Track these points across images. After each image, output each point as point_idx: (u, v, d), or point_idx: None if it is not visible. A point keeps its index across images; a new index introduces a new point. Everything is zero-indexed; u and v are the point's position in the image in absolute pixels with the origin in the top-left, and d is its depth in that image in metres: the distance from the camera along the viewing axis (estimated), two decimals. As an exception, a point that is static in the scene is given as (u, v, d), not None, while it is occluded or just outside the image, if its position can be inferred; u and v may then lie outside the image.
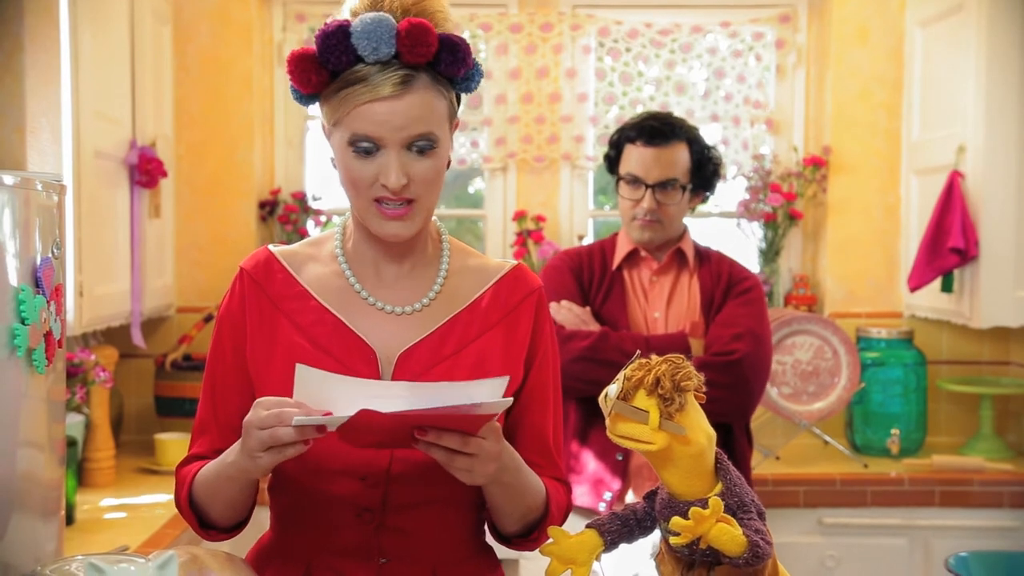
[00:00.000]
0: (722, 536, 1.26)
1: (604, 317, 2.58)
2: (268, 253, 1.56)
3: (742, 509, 1.33)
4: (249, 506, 1.52)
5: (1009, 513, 3.12)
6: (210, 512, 1.50)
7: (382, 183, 1.41)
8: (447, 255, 1.56)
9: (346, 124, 1.41)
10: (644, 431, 1.29)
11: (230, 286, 1.55)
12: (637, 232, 2.59)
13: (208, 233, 3.61)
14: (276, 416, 1.29)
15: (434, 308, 1.51)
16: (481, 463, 1.33)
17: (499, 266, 1.58)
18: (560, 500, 1.56)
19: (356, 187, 1.43)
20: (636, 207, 2.56)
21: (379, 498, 1.47)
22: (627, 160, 2.58)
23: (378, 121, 1.39)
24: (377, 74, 1.38)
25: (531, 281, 1.58)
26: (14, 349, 1.68)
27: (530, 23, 3.69)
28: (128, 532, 2.51)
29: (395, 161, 1.40)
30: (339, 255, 1.54)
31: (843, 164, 3.66)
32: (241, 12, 3.58)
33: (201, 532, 1.53)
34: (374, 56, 1.37)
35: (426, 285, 1.53)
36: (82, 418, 2.83)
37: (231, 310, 1.53)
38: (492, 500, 1.48)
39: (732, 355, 2.46)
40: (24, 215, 1.74)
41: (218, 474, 1.43)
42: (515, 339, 1.53)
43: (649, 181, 2.54)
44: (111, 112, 2.90)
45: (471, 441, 1.31)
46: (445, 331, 1.50)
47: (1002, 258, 3.11)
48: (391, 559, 1.49)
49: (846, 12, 3.63)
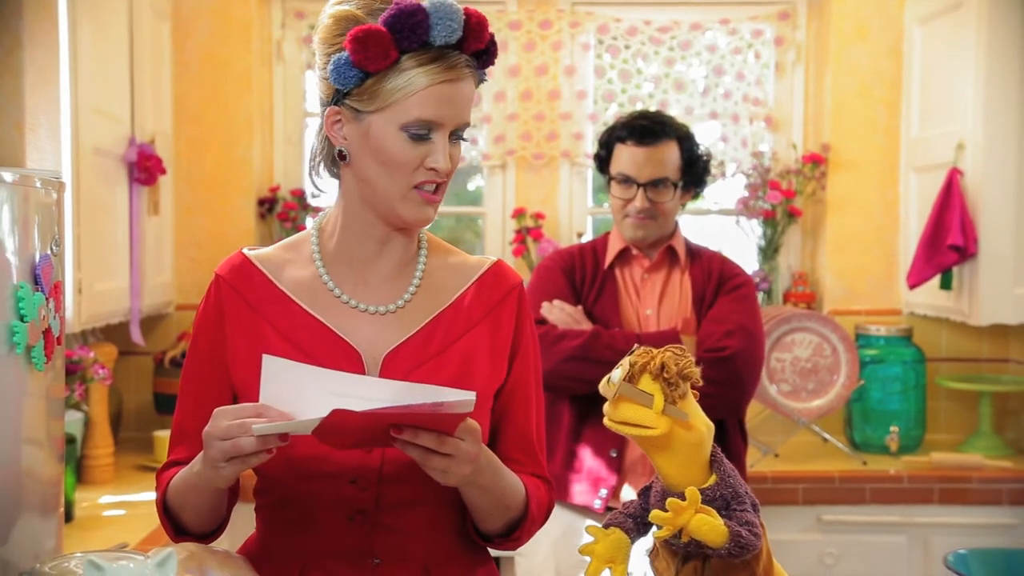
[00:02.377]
0: (702, 527, 1.26)
1: (596, 315, 2.58)
2: (243, 257, 1.55)
3: (736, 500, 1.34)
4: (221, 514, 1.51)
5: (1008, 510, 3.12)
6: (182, 519, 1.49)
7: (430, 166, 1.43)
8: (424, 252, 1.56)
9: (405, 106, 1.40)
10: (648, 415, 1.29)
11: (206, 293, 1.54)
12: (630, 230, 2.59)
13: (207, 230, 3.61)
14: (238, 426, 1.29)
15: (415, 306, 1.51)
16: (457, 464, 1.32)
17: (478, 263, 1.59)
18: (541, 498, 1.55)
19: (400, 171, 1.43)
20: (628, 206, 2.57)
21: (371, 500, 1.46)
22: (618, 160, 2.58)
23: (446, 102, 1.41)
24: (445, 58, 1.40)
25: (511, 278, 1.58)
26: (13, 346, 1.68)
27: (529, 20, 3.68)
28: (127, 529, 2.51)
29: (446, 145, 1.44)
30: (316, 257, 1.53)
31: (842, 161, 3.66)
32: (240, 9, 3.58)
33: (177, 540, 1.51)
34: (449, 39, 1.39)
35: (404, 283, 1.53)
36: (81, 415, 2.83)
37: (208, 317, 1.52)
38: (470, 501, 1.47)
39: (724, 351, 2.46)
40: (23, 212, 1.74)
41: (187, 483, 1.43)
42: (499, 336, 1.53)
43: (640, 180, 2.54)
44: (110, 109, 2.90)
45: (448, 441, 1.30)
46: (429, 330, 1.50)
47: (1001, 255, 3.11)
48: (383, 560, 1.48)
49: (845, 9, 3.63)
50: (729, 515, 1.32)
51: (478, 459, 1.35)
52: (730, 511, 1.33)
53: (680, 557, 1.36)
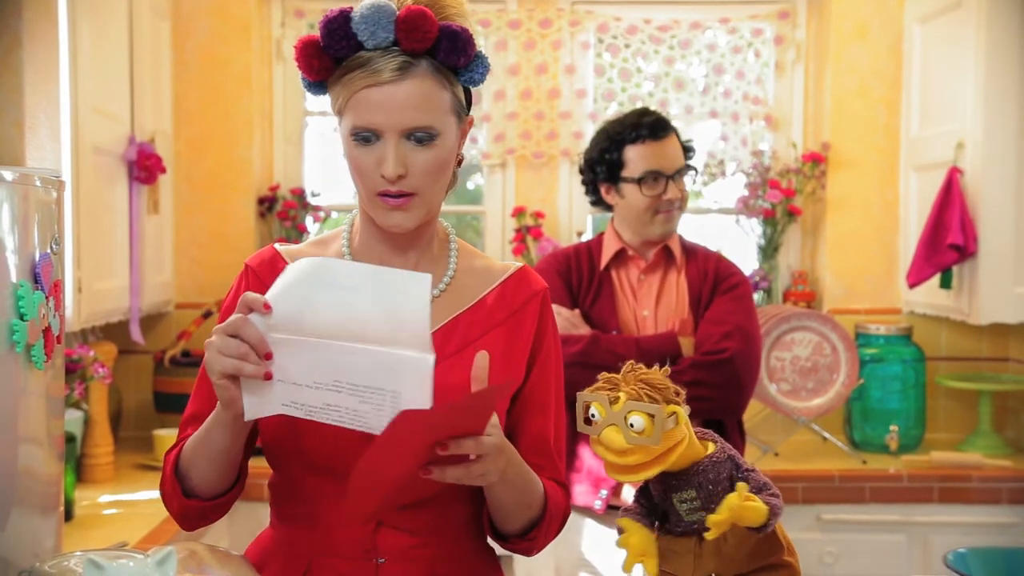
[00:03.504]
0: (750, 514, 1.29)
1: (593, 318, 2.58)
2: (274, 252, 1.57)
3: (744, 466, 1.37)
4: (230, 474, 1.48)
5: (1007, 509, 3.12)
6: (191, 475, 1.47)
7: (380, 174, 1.41)
8: (455, 255, 1.57)
9: (348, 112, 1.42)
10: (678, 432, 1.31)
11: (235, 282, 1.56)
12: (661, 226, 2.58)
13: (207, 229, 3.61)
14: (234, 325, 1.30)
15: (438, 307, 1.51)
16: (493, 460, 1.32)
17: (504, 268, 1.59)
18: (559, 501, 1.54)
19: (361, 177, 1.44)
20: (659, 202, 2.56)
21: None
22: (638, 160, 2.55)
23: (375, 107, 1.39)
24: (377, 59, 1.39)
25: (536, 283, 1.58)
26: (13, 345, 1.68)
27: (529, 19, 3.68)
28: (127, 528, 2.51)
29: (393, 150, 1.40)
30: (346, 254, 1.54)
31: (842, 160, 3.66)
32: (240, 8, 3.58)
33: (182, 508, 1.49)
34: (372, 41, 1.38)
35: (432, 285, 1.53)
36: (81, 414, 2.83)
37: (234, 304, 1.53)
38: (497, 499, 1.46)
39: (723, 353, 2.45)
40: (23, 211, 1.74)
41: (198, 438, 1.43)
42: (518, 340, 1.53)
43: (669, 172, 2.55)
44: (110, 108, 2.90)
45: (482, 442, 1.29)
46: (448, 330, 1.50)
47: (1001, 254, 3.11)
48: (389, 559, 1.48)
49: (845, 8, 3.63)
50: (743, 477, 1.35)
51: (505, 449, 1.35)
52: (743, 472, 1.36)
53: (696, 539, 1.36)
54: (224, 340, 1.31)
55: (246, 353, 1.30)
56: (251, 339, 1.30)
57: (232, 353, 1.30)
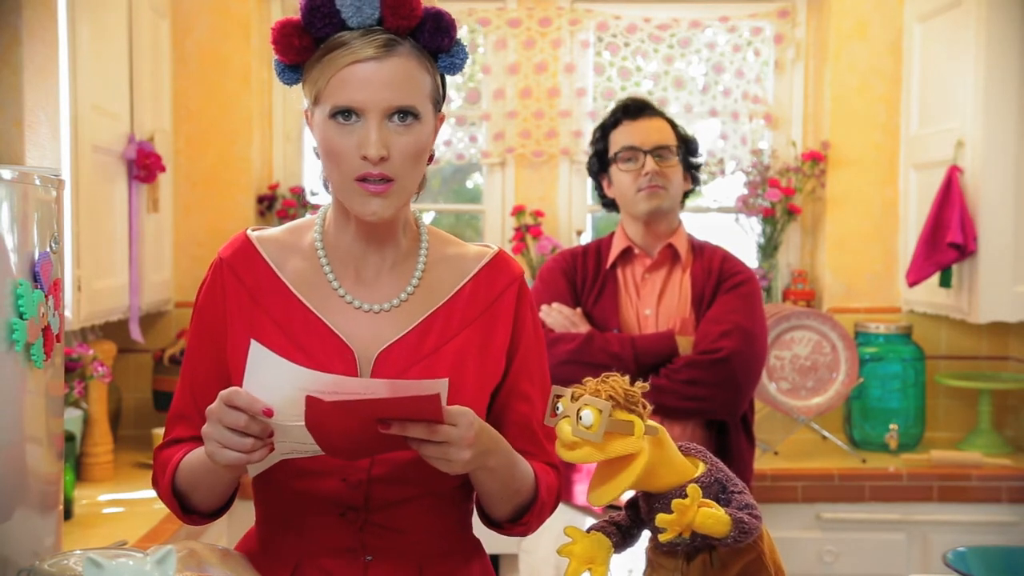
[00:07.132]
0: (707, 520, 1.26)
1: (595, 316, 2.58)
2: (246, 240, 1.55)
3: (730, 482, 1.34)
4: (231, 492, 1.52)
5: (1007, 508, 3.12)
6: (192, 498, 1.49)
7: (362, 154, 1.38)
8: (425, 246, 1.54)
9: (327, 94, 1.40)
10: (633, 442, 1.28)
11: (209, 274, 1.54)
12: (644, 203, 2.58)
13: (206, 228, 3.60)
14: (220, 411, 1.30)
15: (412, 304, 1.50)
16: (455, 450, 1.31)
17: (478, 254, 1.56)
18: (550, 482, 1.54)
19: (338, 163, 1.41)
20: (639, 177, 2.56)
21: (361, 497, 1.46)
22: (617, 140, 2.61)
23: (359, 84, 1.37)
24: (360, 38, 1.38)
25: (511, 269, 1.56)
26: (12, 344, 1.68)
27: (528, 18, 3.68)
28: (126, 527, 2.51)
29: (375, 130, 1.38)
30: (319, 248, 1.53)
31: (842, 159, 3.66)
32: (239, 6, 3.57)
33: (184, 517, 1.52)
34: (357, 18, 1.37)
35: (404, 280, 1.51)
36: (80, 413, 2.83)
37: (212, 300, 1.52)
38: (480, 486, 1.46)
39: (719, 353, 2.45)
40: (22, 209, 1.74)
41: (202, 464, 1.42)
42: (496, 333, 1.52)
43: (646, 148, 2.57)
44: (109, 106, 2.90)
45: (439, 430, 1.28)
46: (424, 329, 1.48)
47: (1001, 253, 3.11)
48: (376, 557, 1.48)
49: (845, 7, 3.63)
50: (728, 499, 1.32)
51: (476, 442, 1.33)
52: (728, 494, 1.33)
53: (684, 557, 1.35)
54: (228, 436, 1.30)
55: (253, 445, 1.30)
56: (258, 434, 1.30)
57: (239, 448, 1.30)
